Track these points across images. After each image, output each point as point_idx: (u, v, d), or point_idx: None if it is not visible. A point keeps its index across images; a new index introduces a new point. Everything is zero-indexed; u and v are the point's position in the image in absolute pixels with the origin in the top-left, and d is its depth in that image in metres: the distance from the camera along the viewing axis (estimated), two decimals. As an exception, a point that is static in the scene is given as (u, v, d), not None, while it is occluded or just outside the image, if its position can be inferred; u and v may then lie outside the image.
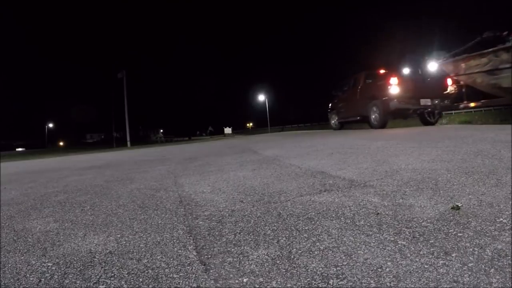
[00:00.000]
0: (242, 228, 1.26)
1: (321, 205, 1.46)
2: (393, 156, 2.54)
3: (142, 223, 1.44)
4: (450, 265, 0.83)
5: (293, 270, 0.89)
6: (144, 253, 1.09)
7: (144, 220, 1.47)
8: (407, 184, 1.65)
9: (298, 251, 1.00)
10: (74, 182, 3.01)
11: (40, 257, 1.14)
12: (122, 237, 1.27)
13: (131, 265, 1.01)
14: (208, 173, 2.79)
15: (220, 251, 1.06)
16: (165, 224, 1.40)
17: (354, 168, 2.25)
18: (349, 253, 0.95)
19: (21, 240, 1.34)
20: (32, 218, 1.69)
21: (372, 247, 0.97)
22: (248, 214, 1.43)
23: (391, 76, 7.32)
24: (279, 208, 1.46)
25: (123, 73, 23.71)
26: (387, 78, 7.42)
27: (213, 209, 1.56)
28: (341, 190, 1.68)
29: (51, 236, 1.37)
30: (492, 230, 1.01)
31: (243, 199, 1.70)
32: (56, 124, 66.29)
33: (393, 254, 0.92)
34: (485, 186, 1.48)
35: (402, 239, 1.01)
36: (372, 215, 1.25)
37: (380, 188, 1.62)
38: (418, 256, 0.89)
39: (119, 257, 1.07)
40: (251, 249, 1.05)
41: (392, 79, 7.24)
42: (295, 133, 11.67)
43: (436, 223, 1.11)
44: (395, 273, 0.82)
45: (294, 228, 1.20)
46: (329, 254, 0.96)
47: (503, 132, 3.36)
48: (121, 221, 1.49)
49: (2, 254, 1.20)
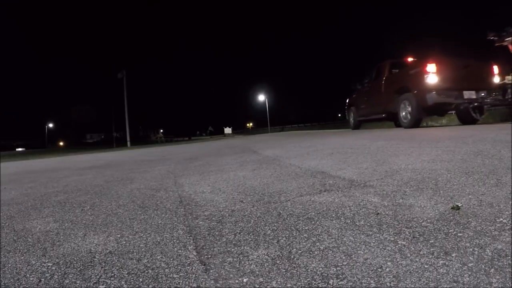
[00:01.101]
0: (242, 228, 1.26)
1: (321, 205, 1.46)
2: (393, 156, 2.54)
3: (142, 223, 1.44)
4: (450, 265, 0.83)
5: (293, 270, 0.89)
6: (144, 253, 1.09)
7: (144, 220, 1.47)
8: (407, 184, 1.65)
9: (298, 251, 1.00)
10: (74, 182, 3.01)
11: (40, 257, 1.14)
12: (122, 237, 1.27)
13: (131, 265, 1.00)
14: (208, 173, 2.79)
15: (220, 251, 1.06)
16: (165, 224, 1.40)
17: (354, 168, 2.25)
18: (349, 253, 0.95)
19: (21, 240, 1.34)
20: (32, 218, 1.69)
21: (372, 247, 0.97)
22: (248, 214, 1.43)
23: (429, 63, 5.69)
24: (279, 208, 1.46)
25: (123, 73, 23.72)
26: (423, 65, 5.78)
27: (213, 209, 1.56)
28: (341, 190, 1.68)
29: (51, 236, 1.37)
30: (492, 230, 1.01)
31: (243, 199, 1.70)
32: (56, 124, 66.35)
33: (393, 254, 0.92)
34: (485, 186, 1.48)
35: (402, 239, 1.01)
36: (372, 215, 1.25)
37: (380, 188, 1.62)
38: (418, 256, 0.89)
39: (119, 257, 1.07)
40: (251, 249, 1.05)
41: (429, 66, 5.64)
42: (295, 133, 11.66)
43: (436, 223, 1.11)
44: (395, 273, 0.82)
45: (294, 228, 1.20)
46: (329, 254, 0.96)
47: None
48: (121, 221, 1.49)
49: (2, 254, 1.19)
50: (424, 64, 5.74)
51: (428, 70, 5.63)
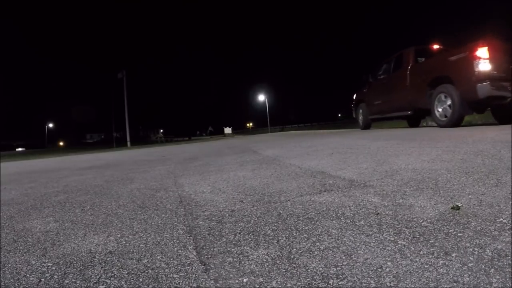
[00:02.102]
0: (242, 228, 1.26)
1: (321, 205, 1.46)
2: (393, 156, 2.54)
3: (142, 223, 1.44)
4: (450, 265, 0.82)
5: (293, 270, 0.89)
6: (144, 253, 1.09)
7: (144, 220, 1.47)
8: (407, 184, 1.65)
9: (298, 251, 1.00)
10: (74, 182, 3.01)
11: (40, 257, 1.14)
12: (122, 237, 1.27)
13: (131, 265, 1.00)
14: (208, 173, 2.79)
15: (220, 251, 1.06)
16: (165, 224, 1.39)
17: (354, 168, 2.25)
18: (349, 253, 0.95)
19: (21, 240, 1.34)
20: (32, 218, 1.69)
21: (372, 247, 0.97)
22: (248, 214, 1.43)
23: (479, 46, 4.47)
24: (279, 208, 1.46)
25: (123, 73, 23.73)
26: (471, 49, 4.57)
27: (213, 209, 1.56)
28: (341, 190, 1.68)
29: (51, 236, 1.36)
30: (492, 230, 1.01)
31: (243, 199, 1.70)
32: (56, 124, 66.41)
33: (393, 254, 0.92)
34: (485, 186, 1.48)
35: (402, 239, 1.01)
36: (372, 215, 1.25)
37: (380, 188, 1.62)
38: (418, 256, 0.89)
39: (119, 257, 1.07)
40: (251, 249, 1.05)
41: (480, 51, 4.43)
42: (295, 133, 11.66)
43: (436, 223, 1.11)
44: (395, 273, 0.81)
45: (294, 228, 1.20)
46: (329, 254, 0.96)
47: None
48: (121, 221, 1.49)
49: (2, 254, 1.19)
50: (474, 48, 4.53)
51: (478, 55, 4.43)
